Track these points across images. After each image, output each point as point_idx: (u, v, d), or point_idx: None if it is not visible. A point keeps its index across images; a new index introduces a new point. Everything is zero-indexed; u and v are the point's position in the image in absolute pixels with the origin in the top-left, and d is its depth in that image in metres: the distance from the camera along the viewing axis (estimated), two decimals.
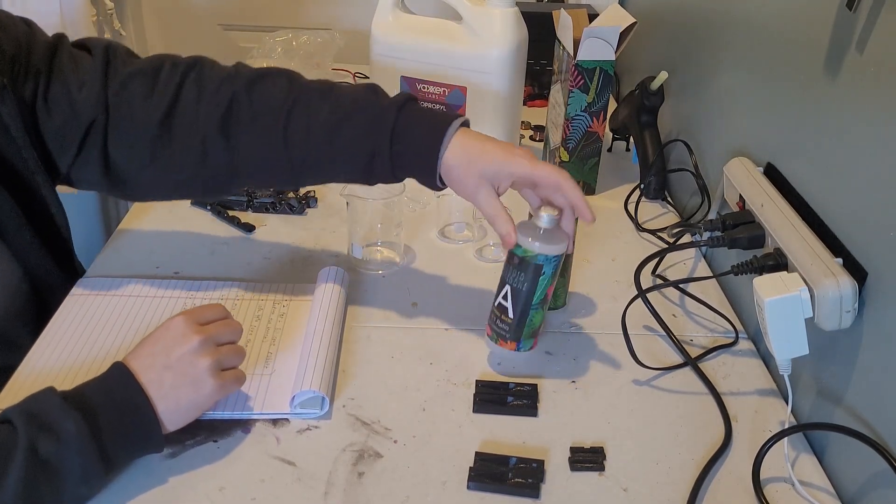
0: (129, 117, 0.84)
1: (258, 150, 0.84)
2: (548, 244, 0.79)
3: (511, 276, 0.81)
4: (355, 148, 0.82)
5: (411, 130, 0.81)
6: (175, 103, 0.84)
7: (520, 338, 0.83)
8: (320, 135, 0.82)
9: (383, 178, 0.84)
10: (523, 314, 0.82)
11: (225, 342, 0.74)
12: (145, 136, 0.84)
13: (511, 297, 0.81)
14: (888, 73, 0.68)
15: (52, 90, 0.82)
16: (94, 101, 0.83)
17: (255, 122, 0.83)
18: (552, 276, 0.80)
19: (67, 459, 0.63)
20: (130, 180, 0.87)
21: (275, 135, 0.83)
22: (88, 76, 0.83)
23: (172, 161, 0.85)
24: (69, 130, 0.83)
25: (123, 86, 0.84)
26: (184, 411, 0.70)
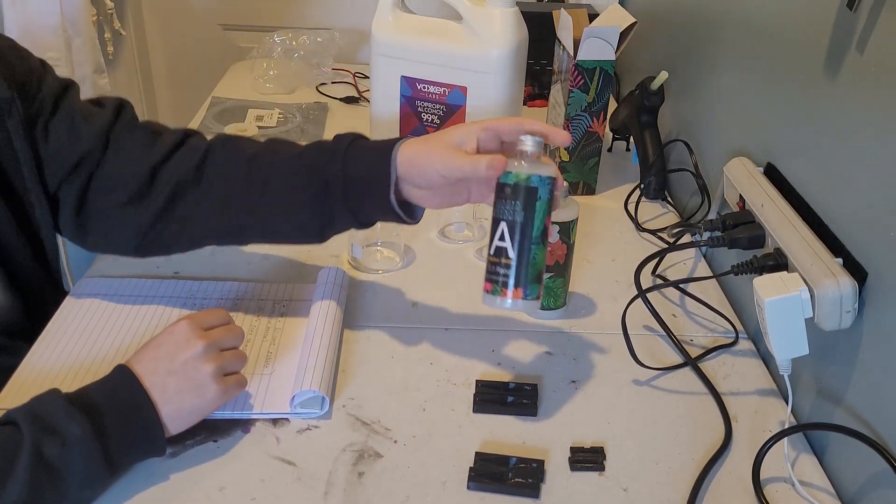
0: (123, 158, 0.84)
1: (221, 203, 0.84)
2: (539, 166, 0.74)
3: (505, 210, 0.74)
4: (311, 192, 0.81)
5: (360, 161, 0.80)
6: (167, 159, 0.85)
7: (526, 281, 0.75)
8: (279, 187, 0.82)
9: (340, 223, 0.83)
10: (524, 250, 0.74)
11: (227, 347, 0.74)
12: (130, 182, 0.84)
13: (508, 233, 0.74)
14: (888, 73, 0.68)
15: (55, 121, 0.83)
16: (96, 135, 0.84)
17: (219, 174, 0.84)
18: (548, 203, 0.74)
19: (72, 463, 0.63)
20: (97, 226, 0.86)
21: (238, 186, 0.83)
22: (96, 117, 0.85)
23: (141, 209, 0.84)
24: (62, 157, 0.83)
25: (129, 130, 0.86)
26: (186, 415, 0.70)
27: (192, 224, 0.85)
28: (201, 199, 0.84)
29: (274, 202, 0.83)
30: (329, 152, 0.82)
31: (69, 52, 1.54)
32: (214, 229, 0.86)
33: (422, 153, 0.78)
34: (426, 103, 1.20)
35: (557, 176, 0.76)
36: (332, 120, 1.46)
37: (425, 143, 0.79)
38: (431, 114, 1.20)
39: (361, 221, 0.83)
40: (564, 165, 1.19)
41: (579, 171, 1.20)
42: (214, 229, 0.86)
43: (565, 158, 1.19)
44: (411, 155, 0.78)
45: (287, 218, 0.84)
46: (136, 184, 0.84)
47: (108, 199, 0.84)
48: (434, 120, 1.20)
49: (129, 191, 0.84)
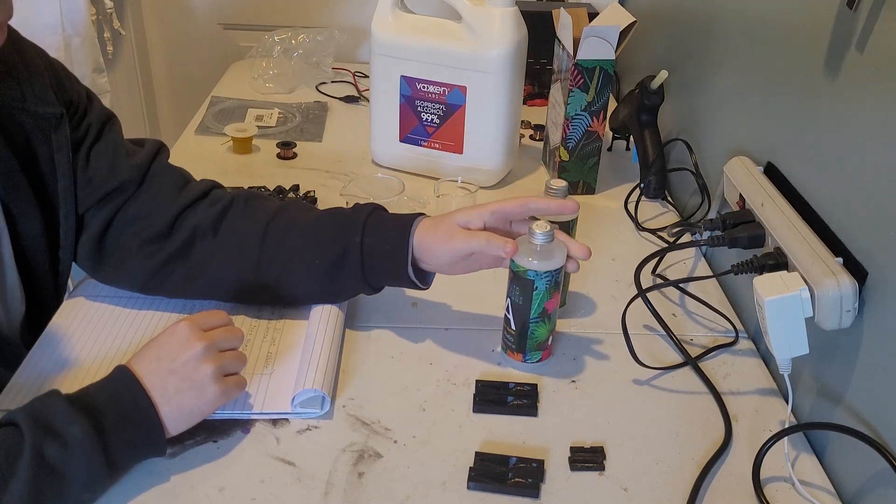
0: (153, 197, 0.87)
1: (226, 270, 0.87)
2: (538, 260, 0.79)
3: (510, 290, 0.82)
4: (327, 261, 0.84)
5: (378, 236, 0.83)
6: (192, 205, 0.87)
7: (526, 350, 0.84)
8: (292, 256, 0.85)
9: (352, 290, 0.87)
10: (524, 327, 0.83)
11: (227, 348, 0.74)
12: (156, 222, 0.86)
13: (512, 310, 0.83)
14: (888, 72, 0.68)
15: (98, 147, 0.86)
16: (135, 170, 0.87)
17: (239, 226, 0.87)
18: (547, 292, 0.81)
19: (73, 464, 0.63)
20: (116, 261, 0.87)
21: (254, 241, 0.86)
22: (137, 154, 0.88)
23: (157, 249, 0.86)
24: (97, 183, 0.85)
25: (164, 172, 0.89)
26: (186, 416, 0.70)
27: (201, 273, 0.87)
28: (214, 251, 0.86)
29: (288, 266, 0.85)
30: (348, 222, 0.85)
31: (68, 52, 1.54)
32: (222, 282, 0.87)
33: (433, 239, 0.82)
34: (426, 103, 1.19)
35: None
36: (331, 119, 1.46)
37: (436, 228, 0.83)
38: (431, 113, 1.20)
39: (374, 288, 0.87)
40: (564, 165, 1.19)
41: (579, 170, 1.20)
42: (222, 282, 0.87)
43: (565, 158, 1.19)
44: (423, 240, 0.82)
45: (299, 280, 0.86)
46: (161, 224, 0.86)
47: (131, 233, 0.86)
48: (434, 119, 1.20)
49: (152, 230, 0.86)
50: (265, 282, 0.86)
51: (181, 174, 0.91)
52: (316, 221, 0.86)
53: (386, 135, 1.25)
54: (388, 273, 0.84)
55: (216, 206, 0.87)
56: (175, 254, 0.86)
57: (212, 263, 0.86)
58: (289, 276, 0.86)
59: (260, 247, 0.85)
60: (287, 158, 1.29)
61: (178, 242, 0.86)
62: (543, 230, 0.78)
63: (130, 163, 0.87)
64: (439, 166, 1.21)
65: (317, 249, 0.84)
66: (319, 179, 1.22)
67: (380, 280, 0.86)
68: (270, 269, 0.85)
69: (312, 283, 0.86)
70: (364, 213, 0.85)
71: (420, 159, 1.23)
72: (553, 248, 0.80)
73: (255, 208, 0.88)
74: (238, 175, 1.21)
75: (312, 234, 0.85)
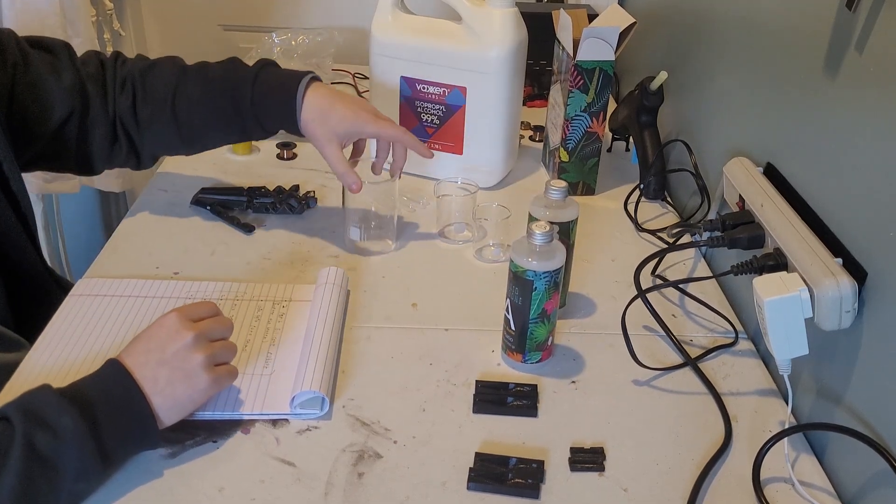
0: (93, 112, 0.98)
1: (155, 127, 1.00)
2: (537, 260, 0.79)
3: (510, 290, 0.83)
4: (225, 117, 0.99)
5: (268, 96, 0.98)
6: (114, 102, 0.99)
7: (524, 350, 0.84)
8: (199, 108, 0.99)
9: (257, 135, 1.03)
10: (523, 327, 0.83)
11: (217, 338, 0.74)
12: (102, 129, 0.99)
13: (511, 310, 0.83)
14: (888, 73, 0.68)
15: (31, 77, 0.93)
16: (74, 90, 0.95)
17: (147, 102, 0.99)
18: (546, 292, 0.81)
19: (65, 455, 0.63)
20: (94, 162, 1.01)
21: (164, 112, 0.99)
22: (62, 69, 0.96)
23: (117, 145, 1.01)
24: (55, 107, 0.94)
25: (84, 86, 0.97)
26: (179, 406, 0.71)
27: (148, 137, 1.01)
28: (143, 117, 1.00)
29: (204, 141, 1.04)
30: (241, 82, 0.99)
31: None
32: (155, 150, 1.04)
33: (310, 126, 0.97)
34: (426, 104, 1.20)
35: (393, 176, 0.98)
36: None
37: (321, 119, 0.97)
38: (431, 114, 1.20)
39: (269, 132, 1.02)
40: (564, 166, 1.19)
41: (579, 171, 1.20)
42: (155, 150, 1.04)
43: (565, 159, 1.19)
44: (305, 121, 0.97)
45: (215, 144, 1.06)
46: (107, 129, 0.99)
47: (96, 142, 0.99)
48: (434, 120, 1.20)
49: (108, 136, 0.99)
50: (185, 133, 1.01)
51: (92, 75, 0.98)
52: (208, 100, 0.99)
53: None
54: (283, 128, 1.00)
55: (127, 97, 0.99)
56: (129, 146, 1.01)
57: (153, 130, 1.00)
58: (205, 141, 1.04)
59: (175, 127, 1.00)
60: (287, 159, 1.29)
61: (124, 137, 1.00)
62: (543, 231, 0.78)
63: (66, 83, 0.95)
64: (439, 167, 1.21)
65: (217, 125, 1.00)
66: (319, 180, 1.22)
67: (276, 130, 1.02)
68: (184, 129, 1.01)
69: (226, 141, 1.08)
70: (248, 84, 0.98)
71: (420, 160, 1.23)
72: (552, 248, 0.80)
73: (154, 91, 0.99)
74: (238, 175, 1.21)
75: (210, 113, 0.99)
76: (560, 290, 0.84)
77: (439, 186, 1.09)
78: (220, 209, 1.11)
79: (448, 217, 1.09)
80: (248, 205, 1.12)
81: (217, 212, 1.11)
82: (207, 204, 1.12)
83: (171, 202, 1.14)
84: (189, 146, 1.04)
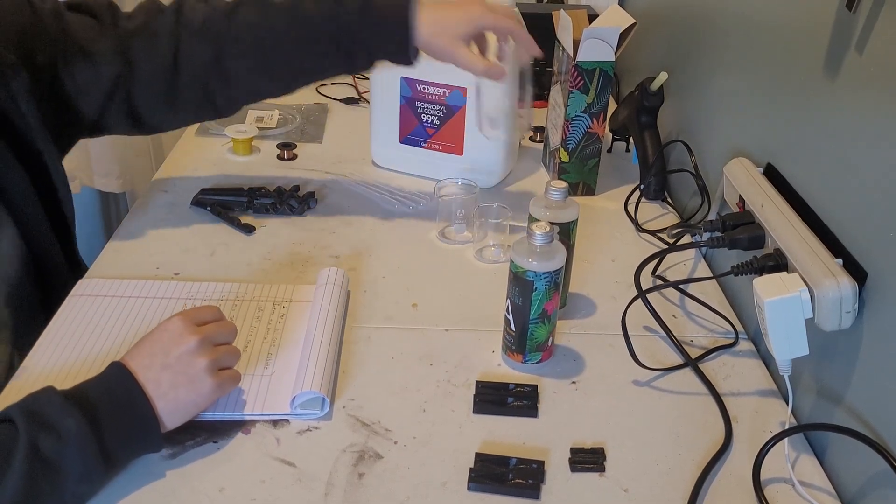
0: (142, 69, 0.94)
1: (249, 74, 0.97)
2: (538, 261, 0.79)
3: (510, 290, 0.82)
4: (331, 53, 0.95)
5: (380, 24, 0.94)
6: (175, 52, 0.95)
7: (525, 350, 0.84)
8: (299, 48, 0.95)
9: (358, 69, 1.00)
10: (524, 328, 0.83)
11: (221, 343, 0.75)
12: (159, 85, 0.95)
13: (511, 311, 0.83)
14: (888, 73, 0.68)
15: (69, 53, 0.90)
16: (113, 57, 0.93)
17: (242, 51, 0.95)
18: (546, 293, 0.81)
19: (68, 457, 0.63)
20: (153, 122, 1.00)
21: (260, 57, 0.96)
22: (100, 35, 0.93)
23: (184, 100, 0.97)
24: (94, 86, 0.93)
25: (129, 42, 0.94)
26: (182, 410, 0.71)
27: (235, 87, 0.98)
28: (230, 86, 0.97)
29: (305, 77, 1.00)
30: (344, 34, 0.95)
31: None
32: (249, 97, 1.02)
33: (434, 42, 0.94)
34: (426, 104, 1.20)
35: (529, 54, 0.96)
36: (331, 121, 1.46)
37: (441, 30, 0.94)
38: (431, 115, 1.20)
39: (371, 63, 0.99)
40: (564, 166, 1.19)
41: (579, 171, 1.20)
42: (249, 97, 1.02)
43: (565, 159, 1.19)
44: (426, 40, 0.94)
45: (315, 79, 1.02)
46: (163, 89, 0.96)
47: (149, 104, 0.97)
48: (434, 121, 1.20)
49: (164, 95, 0.96)
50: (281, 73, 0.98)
51: (143, 29, 0.94)
52: (309, 38, 0.95)
53: (386, 136, 1.25)
54: (390, 57, 0.97)
55: (210, 46, 0.94)
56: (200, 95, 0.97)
57: (238, 75, 0.96)
58: (306, 78, 1.01)
59: (271, 69, 0.97)
60: (287, 159, 1.29)
61: (199, 92, 0.96)
62: (543, 231, 0.78)
63: (105, 52, 0.92)
64: (439, 167, 1.21)
65: (321, 61, 0.97)
66: (320, 180, 1.22)
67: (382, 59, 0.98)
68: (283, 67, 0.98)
69: (327, 76, 1.03)
70: (355, 16, 0.94)
71: (420, 160, 1.23)
72: (553, 248, 0.80)
73: (245, 32, 0.95)
74: (239, 176, 1.21)
75: (311, 49, 0.96)
76: (560, 291, 0.84)
77: (439, 186, 1.09)
78: (220, 210, 1.11)
79: (448, 217, 1.09)
80: (248, 205, 1.12)
81: (217, 212, 1.11)
82: (208, 204, 1.12)
83: (171, 203, 1.14)
84: (285, 86, 1.01)
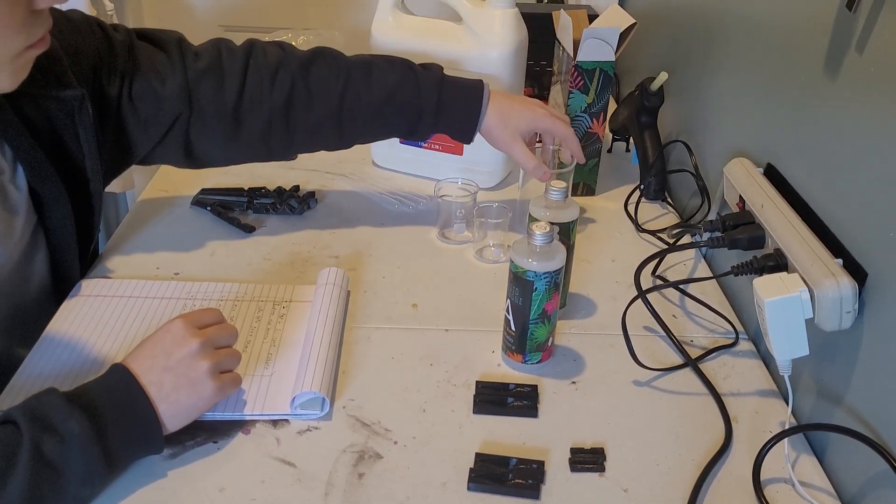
0: (205, 111, 0.95)
1: (314, 129, 0.99)
2: (538, 261, 0.79)
3: (510, 290, 0.82)
4: (399, 123, 1.00)
5: (451, 107, 0.99)
6: (241, 94, 0.96)
7: (525, 350, 0.84)
8: (368, 114, 0.99)
9: (420, 137, 1.04)
10: (524, 328, 0.83)
11: (222, 346, 0.75)
12: (220, 126, 0.96)
13: (511, 311, 0.83)
14: (888, 73, 0.68)
15: (136, 88, 0.91)
16: (178, 97, 0.93)
17: (312, 106, 0.97)
18: (546, 293, 0.81)
19: (71, 460, 0.63)
20: (206, 159, 1.00)
21: (329, 116, 0.98)
22: (169, 73, 0.93)
23: (242, 143, 0.98)
24: (154, 123, 0.93)
25: (196, 83, 0.94)
26: (183, 412, 0.71)
27: (298, 139, 1.00)
28: (293, 135, 0.99)
29: (364, 139, 1.05)
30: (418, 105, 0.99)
31: None
32: (307, 148, 1.04)
33: (494, 132, 1.00)
34: None
35: (578, 160, 1.01)
36: None
37: (504, 123, 1.00)
38: None
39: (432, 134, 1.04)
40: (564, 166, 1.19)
41: (579, 171, 1.20)
42: (307, 148, 1.04)
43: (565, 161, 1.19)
44: (489, 128, 1.00)
45: (373, 140, 1.11)
46: (225, 128, 0.96)
47: (208, 143, 0.98)
48: None
49: (224, 135, 0.97)
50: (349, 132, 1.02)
51: (212, 68, 0.95)
52: (383, 107, 0.98)
53: None
54: (455, 137, 1.02)
55: (281, 92, 0.96)
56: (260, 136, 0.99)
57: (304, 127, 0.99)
58: (365, 140, 1.06)
59: (338, 128, 0.99)
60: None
61: (261, 135, 0.98)
62: (543, 231, 0.78)
63: (172, 92, 0.92)
64: (439, 168, 1.21)
65: (389, 130, 1.03)
66: (320, 180, 1.22)
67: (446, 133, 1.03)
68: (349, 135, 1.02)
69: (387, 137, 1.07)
70: (433, 94, 0.98)
71: (420, 161, 1.23)
72: (552, 248, 0.80)
73: (318, 86, 0.97)
74: (239, 176, 1.21)
75: (382, 119, 1.00)
76: (560, 291, 0.84)
77: (440, 187, 1.09)
78: (220, 210, 1.11)
79: (448, 217, 1.09)
80: (248, 205, 1.12)
81: (217, 212, 1.11)
82: (208, 204, 1.12)
83: (171, 203, 1.14)
84: (347, 142, 1.03)
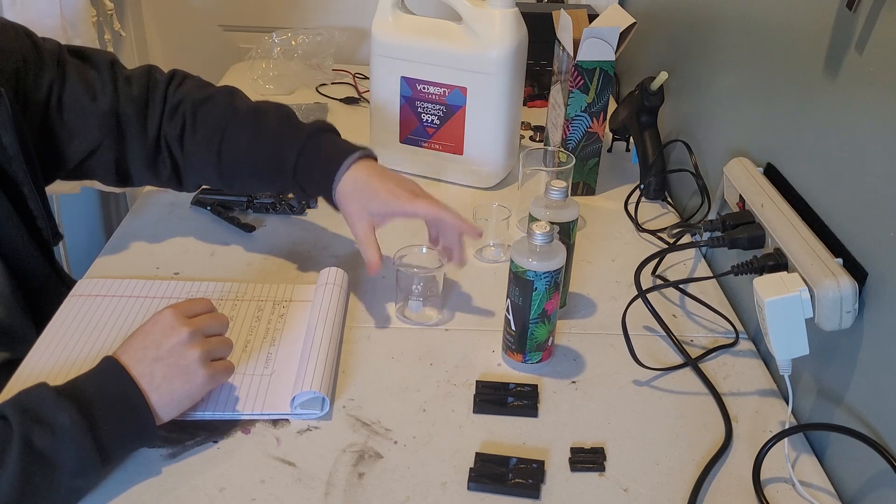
0: (135, 136, 0.95)
1: (199, 162, 0.97)
2: (538, 261, 0.79)
3: (510, 290, 0.82)
4: (267, 171, 0.96)
5: (308, 168, 0.93)
6: (159, 128, 0.96)
7: (525, 350, 0.84)
8: (241, 156, 0.95)
9: (296, 193, 1.02)
10: (524, 328, 0.83)
11: (213, 334, 0.75)
12: (144, 152, 0.96)
13: (511, 311, 0.83)
14: (888, 73, 0.68)
15: (66, 98, 0.91)
16: (108, 116, 0.93)
17: (198, 143, 0.96)
18: (546, 293, 0.81)
19: (63, 451, 0.63)
20: (130, 181, 0.99)
21: (211, 153, 0.96)
22: (99, 91, 0.93)
23: (158, 169, 0.98)
24: (81, 136, 0.92)
25: (126, 107, 0.94)
26: (176, 402, 0.71)
27: (191, 167, 0.99)
28: (191, 150, 0.97)
29: (242, 185, 1.00)
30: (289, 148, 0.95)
31: None
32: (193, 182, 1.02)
33: (344, 201, 0.91)
34: (426, 104, 1.20)
35: (458, 262, 0.92)
36: (331, 120, 1.46)
37: (357, 195, 0.90)
38: (431, 114, 1.20)
39: (309, 195, 1.02)
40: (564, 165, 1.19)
41: (579, 171, 1.20)
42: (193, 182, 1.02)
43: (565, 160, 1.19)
44: (342, 194, 0.91)
45: (252, 190, 1.09)
46: (147, 154, 0.96)
47: (135, 165, 0.96)
48: (434, 120, 1.20)
49: (146, 159, 0.96)
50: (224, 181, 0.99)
51: (139, 97, 0.95)
52: (258, 151, 0.96)
53: (386, 136, 1.25)
54: (319, 195, 0.96)
55: (177, 125, 0.96)
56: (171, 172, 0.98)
57: (196, 157, 0.97)
58: (243, 186, 1.01)
59: (218, 165, 0.96)
60: None
61: (168, 163, 0.97)
62: (543, 231, 0.78)
63: (100, 108, 0.92)
64: (440, 167, 1.22)
65: (259, 176, 0.97)
66: None
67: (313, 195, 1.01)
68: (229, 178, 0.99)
69: (265, 190, 1.08)
70: (300, 143, 0.94)
71: (420, 160, 1.23)
72: (553, 248, 0.80)
73: (204, 124, 0.96)
74: None
75: (255, 164, 0.96)
76: (560, 291, 0.84)
77: (400, 255, 1.02)
78: (220, 209, 1.11)
79: (406, 292, 1.06)
80: (248, 205, 1.12)
81: (217, 212, 1.11)
82: (208, 204, 1.12)
83: (171, 202, 1.14)
84: (228, 186, 1.00)
